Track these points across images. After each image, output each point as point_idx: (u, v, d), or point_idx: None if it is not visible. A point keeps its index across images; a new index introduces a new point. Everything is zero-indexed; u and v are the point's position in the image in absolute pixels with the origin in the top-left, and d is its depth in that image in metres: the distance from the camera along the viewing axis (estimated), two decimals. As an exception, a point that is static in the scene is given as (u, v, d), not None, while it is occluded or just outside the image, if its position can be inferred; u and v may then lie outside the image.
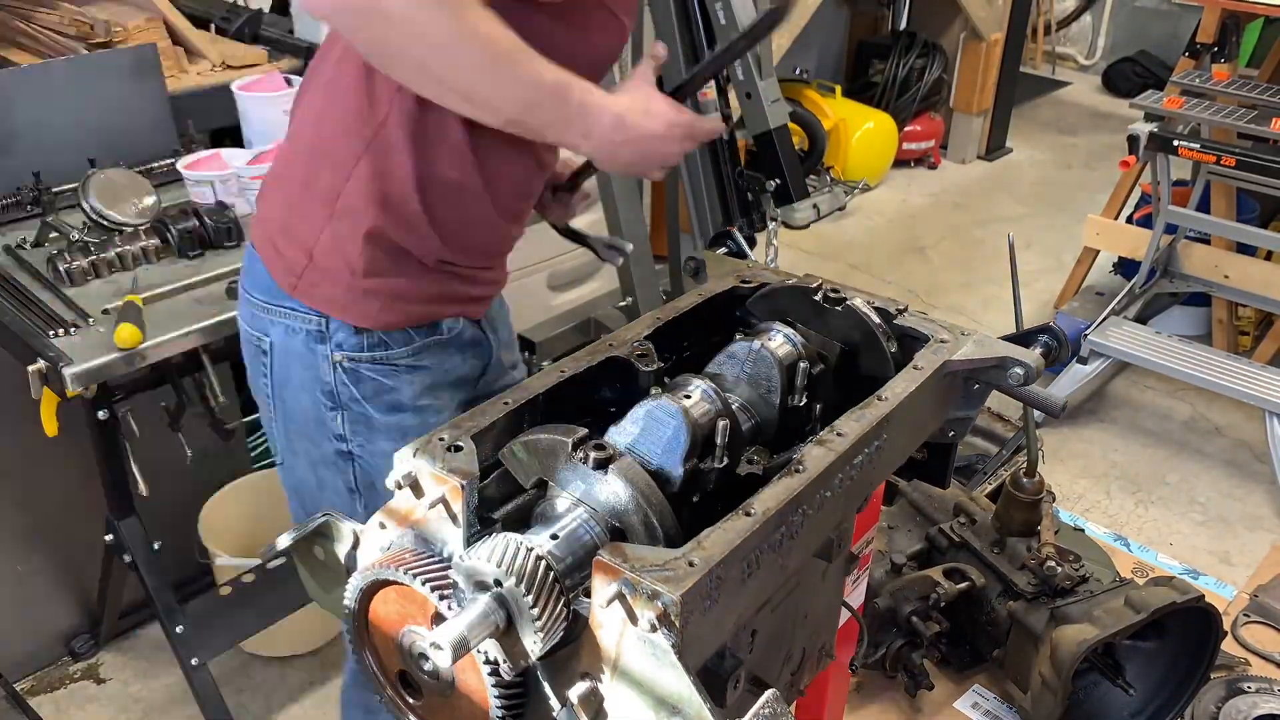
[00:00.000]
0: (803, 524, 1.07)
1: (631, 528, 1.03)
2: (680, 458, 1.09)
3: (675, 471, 1.09)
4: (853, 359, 1.34)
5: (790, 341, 1.30)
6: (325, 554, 1.19)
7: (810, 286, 1.35)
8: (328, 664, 2.74)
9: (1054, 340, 1.40)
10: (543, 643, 0.94)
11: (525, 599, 0.93)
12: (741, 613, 1.03)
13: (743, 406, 1.26)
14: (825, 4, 4.89)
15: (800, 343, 1.30)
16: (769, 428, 1.27)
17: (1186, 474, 3.56)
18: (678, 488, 1.09)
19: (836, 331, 1.34)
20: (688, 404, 1.14)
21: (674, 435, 1.09)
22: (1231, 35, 3.70)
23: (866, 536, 1.61)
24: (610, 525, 1.03)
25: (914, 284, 4.72)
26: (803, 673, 1.42)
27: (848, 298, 1.34)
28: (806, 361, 1.28)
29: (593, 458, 1.03)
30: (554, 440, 1.06)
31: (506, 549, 0.94)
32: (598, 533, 1.03)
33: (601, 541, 1.02)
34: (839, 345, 1.33)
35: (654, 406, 1.12)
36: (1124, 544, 2.89)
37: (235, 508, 2.70)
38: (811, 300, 1.34)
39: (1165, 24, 7.19)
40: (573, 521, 1.03)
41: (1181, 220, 3.70)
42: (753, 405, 1.27)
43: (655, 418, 1.11)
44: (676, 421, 1.09)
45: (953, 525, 2.44)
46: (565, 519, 1.04)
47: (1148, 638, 2.23)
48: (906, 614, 2.29)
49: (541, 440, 1.07)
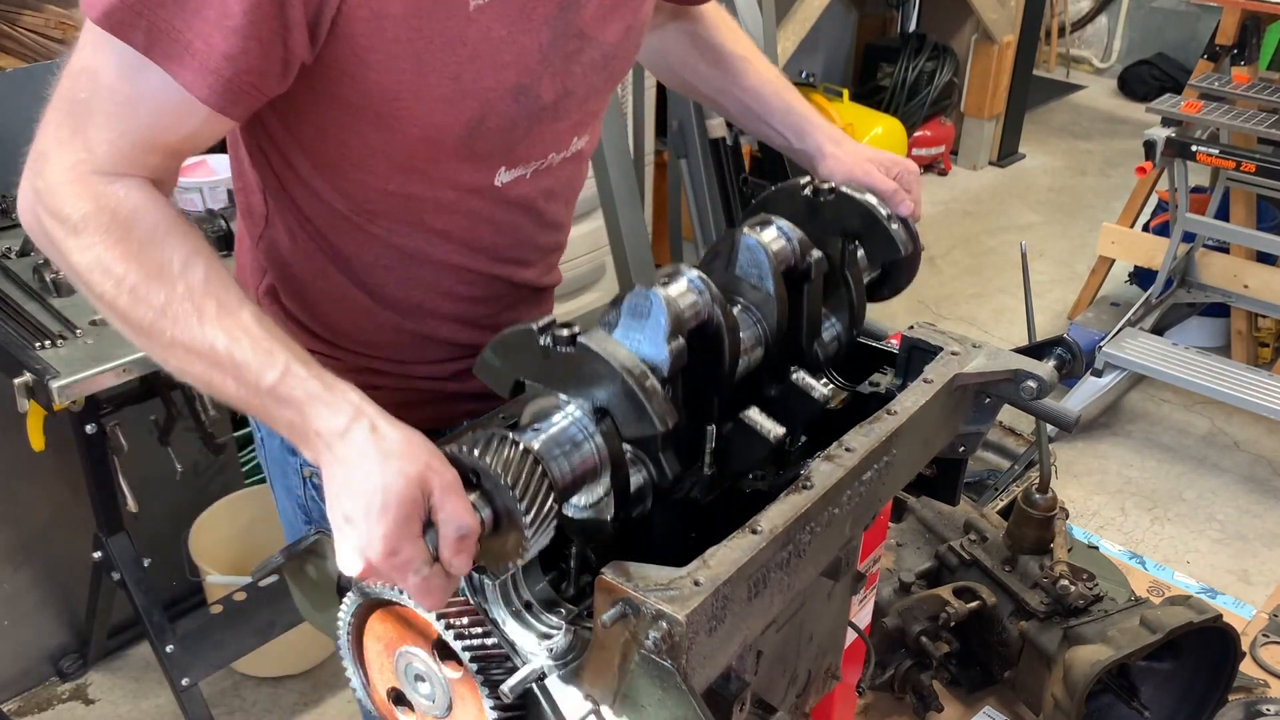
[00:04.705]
0: (811, 542, 1.05)
1: (614, 404, 0.97)
2: (663, 336, 1.01)
3: (658, 354, 1.01)
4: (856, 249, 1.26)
5: (783, 233, 1.19)
6: (318, 572, 1.17)
7: (798, 183, 1.28)
8: (320, 685, 2.71)
9: (1068, 352, 1.36)
10: (531, 541, 0.89)
11: (511, 493, 0.88)
12: (748, 633, 1.01)
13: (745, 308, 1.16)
14: (833, 5, 4.85)
15: (797, 236, 1.19)
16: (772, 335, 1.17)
17: (1204, 490, 3.52)
18: (666, 372, 1.01)
19: (834, 227, 1.25)
20: (668, 287, 1.07)
21: (653, 316, 1.01)
22: (1252, 37, 3.67)
23: (874, 554, 1.60)
24: (593, 408, 0.98)
25: (924, 294, 4.67)
26: (808, 695, 1.41)
27: (839, 187, 1.27)
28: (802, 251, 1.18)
29: (561, 335, 0.97)
30: (520, 330, 1.00)
31: (489, 441, 0.90)
32: (579, 418, 0.98)
33: (584, 428, 0.97)
34: (839, 237, 1.24)
35: (629, 295, 1.05)
36: (1140, 562, 2.84)
37: (227, 524, 2.69)
38: (803, 198, 1.26)
39: (1183, 26, 7.14)
40: (553, 411, 0.98)
41: (1200, 228, 3.67)
42: (758, 306, 1.16)
43: (631, 305, 1.03)
44: (653, 301, 1.02)
45: (963, 543, 2.40)
46: (545, 410, 0.99)
47: (1164, 658, 2.20)
48: (915, 634, 2.24)
49: (509, 337, 1.01)
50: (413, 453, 0.90)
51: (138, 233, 0.98)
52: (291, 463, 1.38)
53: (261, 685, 2.71)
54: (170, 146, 1.02)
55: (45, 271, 2.13)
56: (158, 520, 2.52)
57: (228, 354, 0.95)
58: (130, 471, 2.28)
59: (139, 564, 2.35)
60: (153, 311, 0.96)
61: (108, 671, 2.74)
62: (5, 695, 2.64)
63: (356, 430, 0.91)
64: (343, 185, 1.17)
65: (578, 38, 1.18)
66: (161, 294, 0.96)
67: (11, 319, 2.06)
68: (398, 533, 0.87)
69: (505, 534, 0.91)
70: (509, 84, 1.13)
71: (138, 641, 2.75)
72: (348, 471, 0.90)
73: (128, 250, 0.97)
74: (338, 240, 1.23)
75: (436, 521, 0.88)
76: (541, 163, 1.24)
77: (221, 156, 2.47)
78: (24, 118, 2.55)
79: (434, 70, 1.07)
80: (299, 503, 1.41)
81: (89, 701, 2.66)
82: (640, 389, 0.95)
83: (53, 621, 2.68)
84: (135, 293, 0.96)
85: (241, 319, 0.97)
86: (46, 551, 2.60)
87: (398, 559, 0.87)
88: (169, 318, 0.96)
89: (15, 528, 2.54)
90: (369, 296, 1.27)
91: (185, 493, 2.64)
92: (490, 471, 0.89)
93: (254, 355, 0.95)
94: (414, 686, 1.05)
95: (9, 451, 2.35)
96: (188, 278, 0.97)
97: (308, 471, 1.37)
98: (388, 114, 1.09)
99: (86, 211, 0.97)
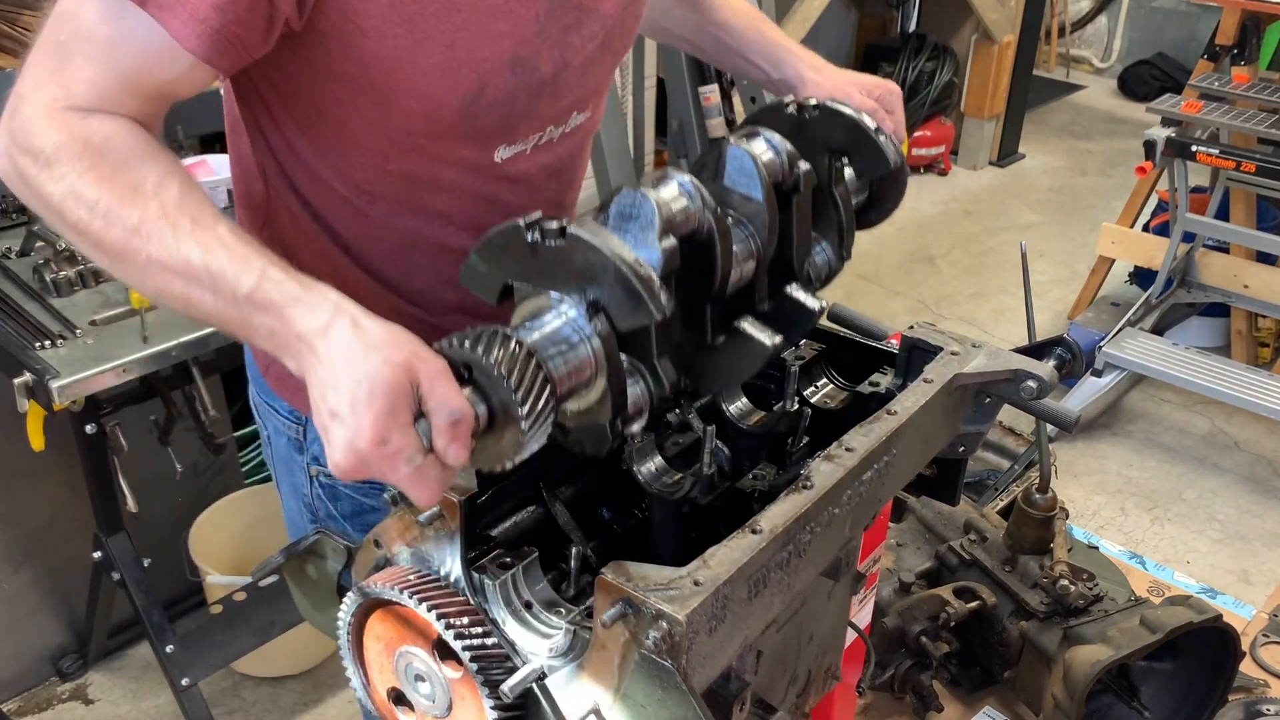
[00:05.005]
0: (811, 542, 1.05)
1: (608, 296, 0.93)
2: (654, 235, 0.97)
3: (650, 255, 0.96)
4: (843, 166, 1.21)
5: (771, 145, 1.12)
6: (318, 573, 1.17)
7: (781, 102, 1.23)
8: (320, 685, 2.71)
9: (1068, 352, 1.36)
10: (529, 436, 0.87)
11: (505, 384, 0.85)
12: (748, 633, 1.01)
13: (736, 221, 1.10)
14: (833, 5, 4.85)
15: (785, 148, 1.13)
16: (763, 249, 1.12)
17: (1204, 490, 3.51)
18: (660, 269, 0.96)
19: (819, 144, 1.20)
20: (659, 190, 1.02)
21: (643, 216, 0.97)
22: (1252, 37, 3.67)
23: (874, 554, 1.60)
24: (587, 305, 0.94)
25: (923, 294, 4.67)
26: (808, 695, 1.40)
27: (825, 102, 1.22)
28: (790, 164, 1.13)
29: (550, 228, 0.93)
30: (506, 229, 0.96)
31: (480, 336, 0.87)
32: (572, 316, 0.94)
33: (578, 327, 0.93)
34: (825, 154, 1.18)
35: (618, 197, 1.00)
36: (1140, 562, 2.84)
37: (226, 524, 2.68)
38: (787, 116, 1.21)
39: (1183, 26, 7.14)
40: (545, 310, 0.95)
41: (1200, 228, 3.67)
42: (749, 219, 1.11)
43: (620, 208, 0.99)
44: (642, 202, 0.97)
45: (963, 543, 2.40)
46: (537, 309, 0.95)
47: (1164, 658, 2.19)
48: (915, 634, 2.24)
49: (494, 237, 0.98)
50: (397, 343, 0.87)
51: (110, 158, 0.97)
52: (299, 461, 1.37)
53: (261, 685, 2.70)
54: (149, 91, 1.02)
55: (45, 271, 2.13)
56: (158, 520, 2.51)
57: (204, 266, 0.93)
58: (130, 471, 2.28)
59: (139, 564, 2.34)
60: (126, 231, 0.94)
61: (108, 671, 2.73)
62: (5, 695, 2.64)
63: (338, 326, 0.89)
64: (343, 166, 1.17)
65: (575, 9, 1.17)
66: (135, 214, 0.94)
67: (11, 319, 2.06)
68: (387, 421, 0.84)
69: (501, 431, 0.88)
70: (505, 55, 1.12)
71: (138, 641, 2.75)
72: (331, 369, 0.87)
73: (100, 175, 0.96)
74: (338, 225, 1.22)
75: (427, 411, 0.85)
76: (541, 137, 1.23)
77: (222, 157, 2.47)
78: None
79: (428, 38, 1.07)
80: (305, 501, 1.40)
81: (89, 701, 2.65)
82: (635, 275, 0.90)
83: (53, 621, 2.68)
84: (109, 215, 0.94)
85: (217, 232, 0.95)
86: (46, 551, 2.59)
87: (388, 448, 0.84)
88: (143, 236, 0.94)
89: (15, 528, 2.53)
90: (373, 281, 1.26)
91: (185, 493, 2.64)
92: (483, 363, 0.86)
93: (230, 264, 0.93)
94: (414, 686, 1.04)
95: (9, 451, 2.34)
96: (161, 196, 0.96)
97: (315, 470, 1.36)
98: (385, 87, 1.09)
99: (59, 142, 0.96)
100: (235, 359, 2.32)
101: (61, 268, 2.14)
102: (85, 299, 2.15)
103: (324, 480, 1.36)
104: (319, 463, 1.34)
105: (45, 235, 2.26)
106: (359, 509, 1.38)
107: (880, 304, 4.53)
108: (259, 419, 1.44)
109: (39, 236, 2.26)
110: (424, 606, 0.96)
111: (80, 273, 2.15)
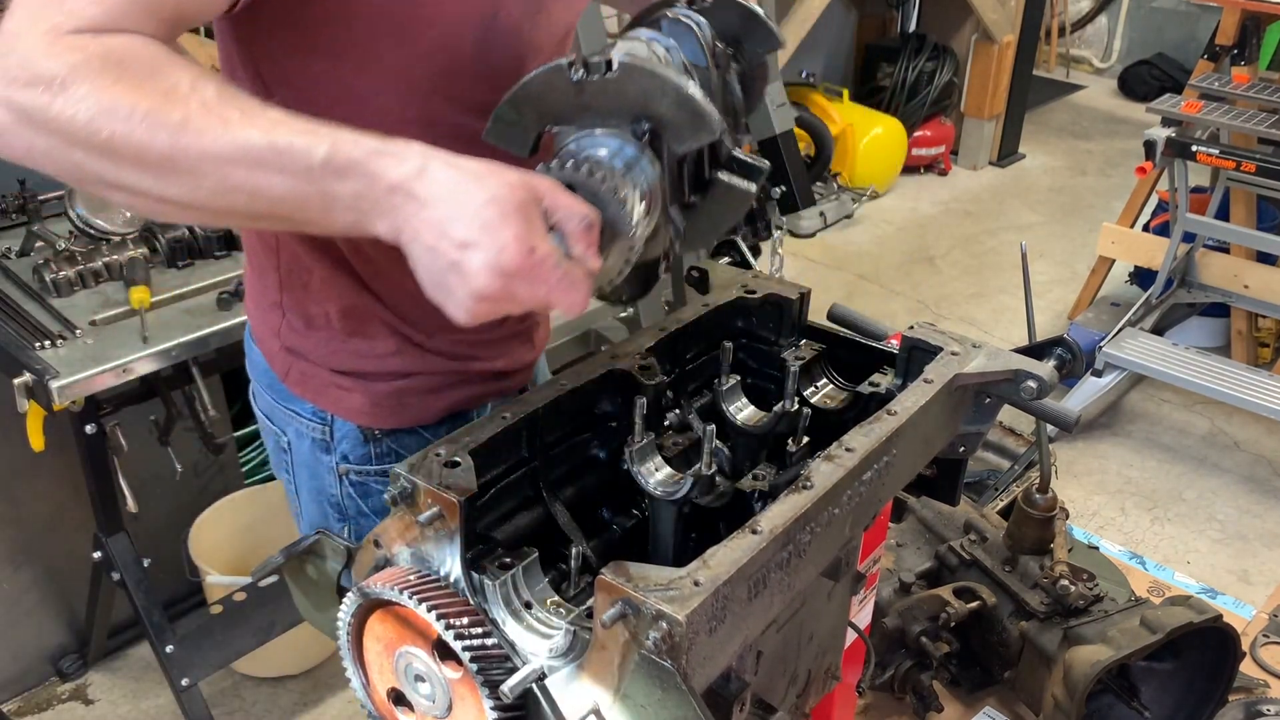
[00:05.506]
0: (811, 542, 1.05)
1: (666, 119, 0.94)
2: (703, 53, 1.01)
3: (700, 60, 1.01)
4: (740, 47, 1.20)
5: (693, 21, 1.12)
6: (318, 573, 1.17)
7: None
8: (320, 685, 2.70)
9: (1068, 352, 1.36)
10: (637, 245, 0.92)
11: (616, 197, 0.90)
12: (748, 634, 1.01)
13: None
14: (833, 6, 4.85)
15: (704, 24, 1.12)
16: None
17: (1204, 490, 3.51)
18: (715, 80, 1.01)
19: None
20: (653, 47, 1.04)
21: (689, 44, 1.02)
22: (1252, 37, 3.67)
23: (874, 555, 1.59)
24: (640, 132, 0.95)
25: (923, 294, 4.67)
26: (808, 695, 1.40)
27: None
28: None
29: (595, 62, 0.94)
30: (545, 72, 0.96)
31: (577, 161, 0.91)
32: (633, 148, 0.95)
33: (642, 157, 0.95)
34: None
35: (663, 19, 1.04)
36: (1140, 562, 2.84)
37: (226, 524, 2.68)
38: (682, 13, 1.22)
39: (1183, 26, 7.14)
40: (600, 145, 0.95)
41: (1200, 228, 3.66)
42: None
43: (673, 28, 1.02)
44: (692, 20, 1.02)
45: (963, 543, 2.39)
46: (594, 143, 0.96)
47: (1164, 658, 2.19)
48: (915, 634, 2.24)
49: (530, 83, 0.97)
50: (502, 168, 0.86)
51: (135, 68, 0.88)
52: (325, 462, 1.34)
53: (261, 685, 2.70)
54: (166, 12, 0.94)
55: (45, 271, 2.13)
56: (158, 520, 2.51)
57: (268, 145, 0.86)
58: (130, 471, 2.27)
59: (139, 564, 2.34)
60: (172, 131, 0.85)
61: (108, 671, 2.73)
62: (5, 695, 2.63)
63: (433, 166, 0.86)
64: (361, 114, 1.09)
65: None
66: (177, 113, 0.86)
67: (11, 319, 2.06)
68: (529, 231, 0.84)
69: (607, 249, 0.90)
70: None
71: (138, 641, 2.74)
72: (444, 205, 0.85)
73: (129, 85, 0.86)
74: None
75: (556, 222, 0.86)
76: None
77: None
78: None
79: None
80: (332, 503, 1.37)
81: (89, 701, 2.65)
82: (696, 95, 0.92)
83: (53, 621, 2.67)
84: (150, 119, 0.85)
85: (270, 115, 0.88)
86: (46, 551, 2.59)
87: (537, 255, 0.84)
88: (192, 131, 0.86)
89: (15, 528, 2.53)
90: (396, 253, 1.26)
91: (185, 493, 2.63)
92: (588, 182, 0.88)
93: (297, 137, 0.87)
94: (414, 686, 1.04)
95: (9, 451, 2.34)
96: (201, 95, 0.88)
97: (344, 468, 1.33)
98: (406, 19, 1.07)
99: (74, 62, 0.86)
100: (235, 359, 2.32)
101: (61, 268, 2.14)
102: (85, 299, 2.15)
103: (354, 478, 1.34)
104: (347, 460, 1.32)
105: (45, 235, 2.26)
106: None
107: (880, 304, 4.52)
108: (273, 427, 1.39)
109: (39, 236, 2.26)
110: (424, 607, 0.96)
111: (80, 273, 2.15)
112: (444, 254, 0.85)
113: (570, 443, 1.19)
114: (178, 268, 2.24)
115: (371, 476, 1.32)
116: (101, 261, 2.18)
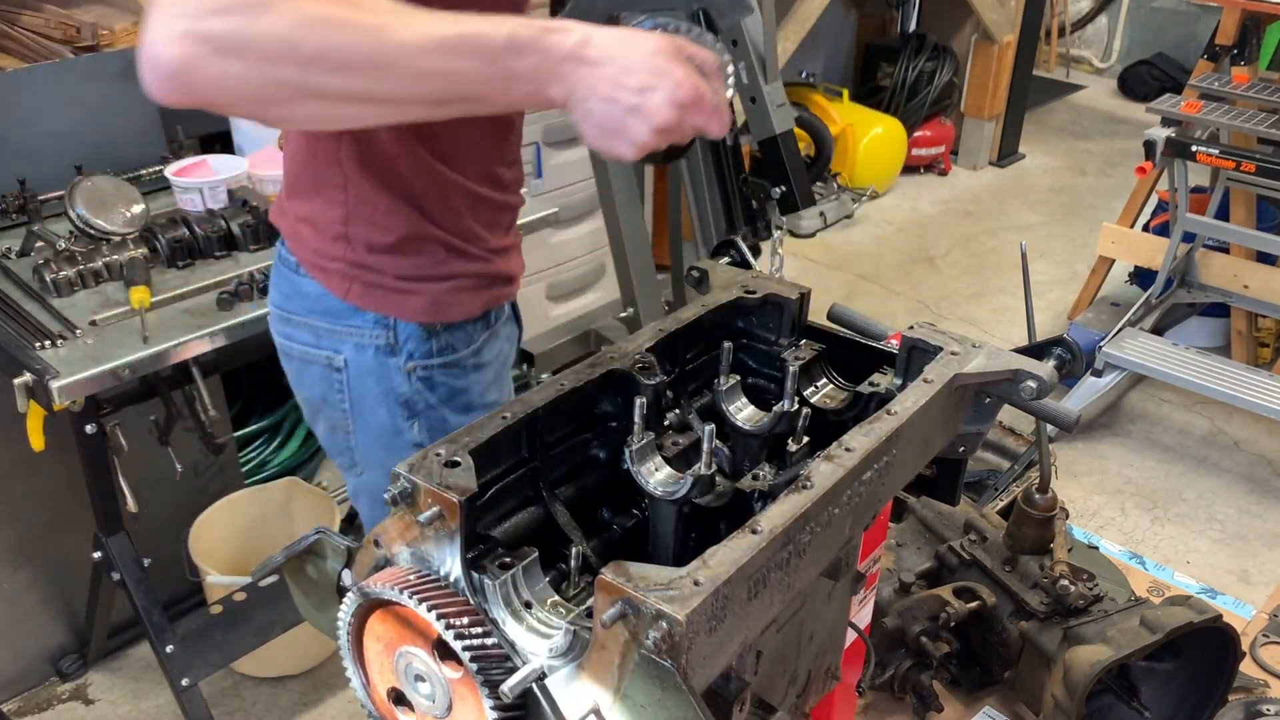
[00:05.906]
0: (811, 542, 1.05)
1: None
2: None
3: None
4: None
5: None
6: (318, 572, 1.18)
7: None
8: (320, 685, 2.70)
9: (1068, 352, 1.36)
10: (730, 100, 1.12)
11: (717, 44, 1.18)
12: (748, 633, 1.01)
13: None
14: (833, 5, 4.85)
15: None
16: None
17: (1204, 490, 3.50)
18: None
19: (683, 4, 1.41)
20: None
21: None
22: (1252, 37, 3.67)
23: (874, 555, 1.59)
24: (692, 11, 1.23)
25: (923, 294, 4.67)
26: (808, 695, 1.40)
27: None
28: None
29: None
30: None
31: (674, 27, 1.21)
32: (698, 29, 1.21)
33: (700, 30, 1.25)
34: None
35: None
36: (1140, 562, 2.83)
37: (227, 524, 2.68)
38: None
39: (1183, 26, 7.13)
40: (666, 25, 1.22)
41: (1200, 228, 3.66)
42: None
43: None
44: None
45: (963, 543, 2.39)
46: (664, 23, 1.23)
47: (1164, 658, 2.19)
48: (915, 634, 2.24)
49: None
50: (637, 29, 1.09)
51: None
52: (393, 363, 1.46)
53: (261, 685, 2.69)
54: None
55: (45, 271, 2.13)
56: (158, 520, 2.50)
57: (458, 35, 1.00)
58: (130, 471, 2.27)
59: (139, 564, 2.34)
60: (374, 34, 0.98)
61: (108, 671, 2.73)
62: (5, 695, 2.63)
63: (594, 33, 1.03)
64: None
65: None
66: (373, 18, 0.98)
67: (11, 319, 2.06)
68: (692, 70, 1.05)
69: None
70: None
71: (138, 641, 2.74)
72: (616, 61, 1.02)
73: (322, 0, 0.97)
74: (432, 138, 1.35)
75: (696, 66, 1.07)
76: None
77: (222, 157, 2.47)
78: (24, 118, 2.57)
79: None
80: (401, 400, 1.48)
81: (89, 701, 2.65)
82: None
83: (53, 621, 2.67)
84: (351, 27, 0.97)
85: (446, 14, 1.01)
86: (46, 551, 2.58)
87: (700, 90, 1.04)
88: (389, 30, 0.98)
89: (15, 528, 2.53)
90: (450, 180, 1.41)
91: (185, 493, 2.63)
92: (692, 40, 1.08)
93: (480, 25, 1.01)
94: (414, 686, 1.04)
95: (9, 451, 2.34)
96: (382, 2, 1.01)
97: (410, 365, 1.46)
98: None
99: None
100: (235, 359, 2.32)
101: (61, 268, 2.14)
102: (85, 299, 2.14)
103: (421, 373, 1.48)
104: (413, 358, 1.47)
105: (45, 235, 2.26)
106: (453, 392, 1.51)
107: (880, 304, 4.52)
108: (321, 353, 1.49)
109: (39, 236, 2.26)
110: (424, 606, 0.96)
111: (80, 273, 2.15)
112: (623, 101, 1.02)
113: (570, 443, 1.19)
114: (178, 268, 2.24)
115: (435, 369, 1.49)
116: (101, 261, 2.18)
